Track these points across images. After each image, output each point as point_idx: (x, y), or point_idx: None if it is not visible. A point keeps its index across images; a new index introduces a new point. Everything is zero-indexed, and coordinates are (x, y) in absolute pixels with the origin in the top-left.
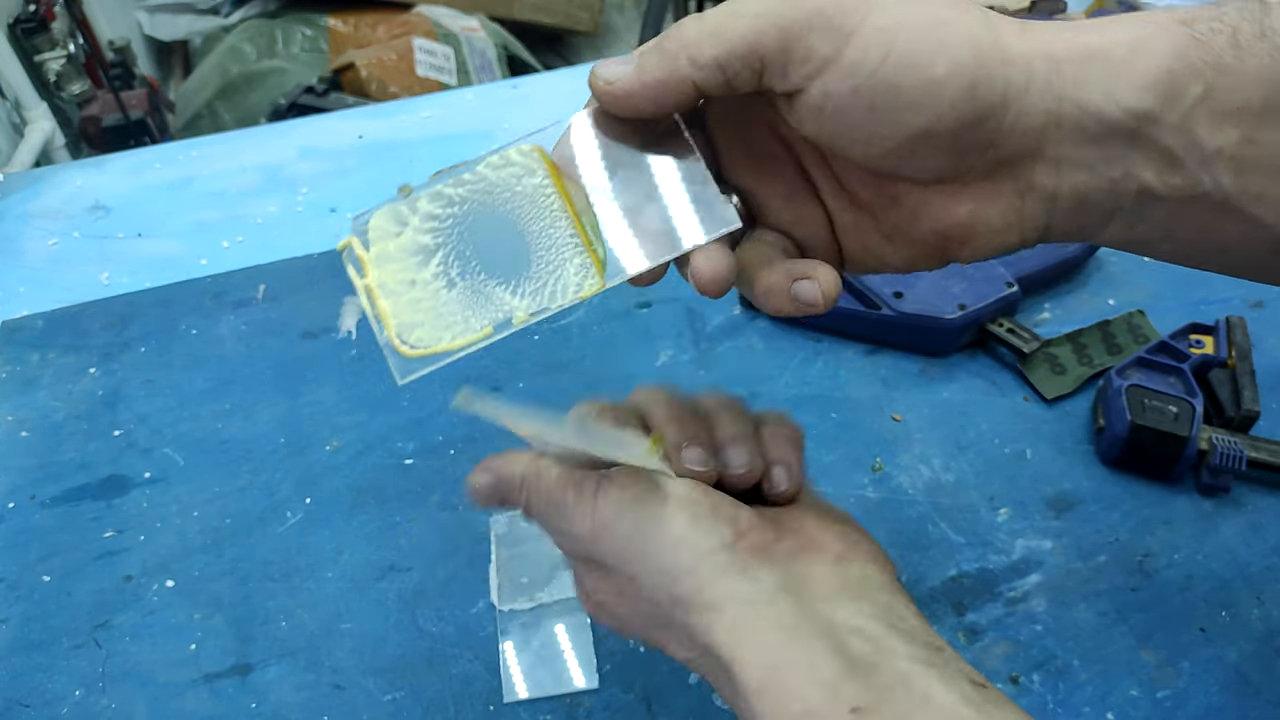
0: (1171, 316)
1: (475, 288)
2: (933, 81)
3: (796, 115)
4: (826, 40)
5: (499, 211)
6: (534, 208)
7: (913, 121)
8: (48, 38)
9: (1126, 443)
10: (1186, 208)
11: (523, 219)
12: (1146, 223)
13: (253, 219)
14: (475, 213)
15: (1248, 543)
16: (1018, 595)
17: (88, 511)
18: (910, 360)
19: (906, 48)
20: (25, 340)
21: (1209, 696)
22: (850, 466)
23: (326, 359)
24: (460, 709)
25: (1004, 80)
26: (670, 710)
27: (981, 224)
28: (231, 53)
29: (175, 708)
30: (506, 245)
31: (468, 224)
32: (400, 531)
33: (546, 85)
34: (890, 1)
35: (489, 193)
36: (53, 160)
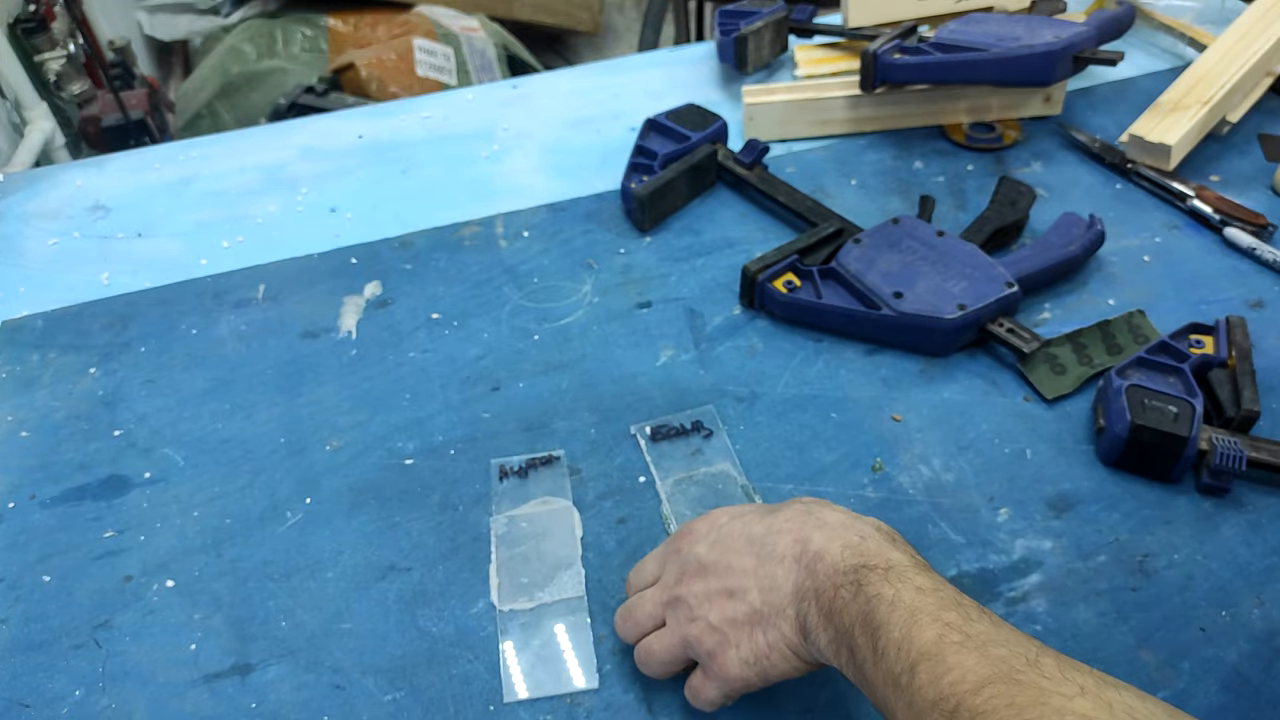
0: (1171, 316)
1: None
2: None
3: None
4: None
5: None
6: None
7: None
8: (48, 38)
9: (1126, 443)
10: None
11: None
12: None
13: (253, 219)
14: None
15: (1248, 543)
16: (1018, 595)
17: (88, 511)
18: (910, 360)
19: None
20: (25, 340)
21: (1209, 696)
22: (850, 466)
23: (326, 359)
24: (460, 709)
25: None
26: (670, 710)
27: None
28: (231, 53)
29: (175, 708)
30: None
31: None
32: (400, 531)
33: (546, 85)
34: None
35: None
36: (53, 160)
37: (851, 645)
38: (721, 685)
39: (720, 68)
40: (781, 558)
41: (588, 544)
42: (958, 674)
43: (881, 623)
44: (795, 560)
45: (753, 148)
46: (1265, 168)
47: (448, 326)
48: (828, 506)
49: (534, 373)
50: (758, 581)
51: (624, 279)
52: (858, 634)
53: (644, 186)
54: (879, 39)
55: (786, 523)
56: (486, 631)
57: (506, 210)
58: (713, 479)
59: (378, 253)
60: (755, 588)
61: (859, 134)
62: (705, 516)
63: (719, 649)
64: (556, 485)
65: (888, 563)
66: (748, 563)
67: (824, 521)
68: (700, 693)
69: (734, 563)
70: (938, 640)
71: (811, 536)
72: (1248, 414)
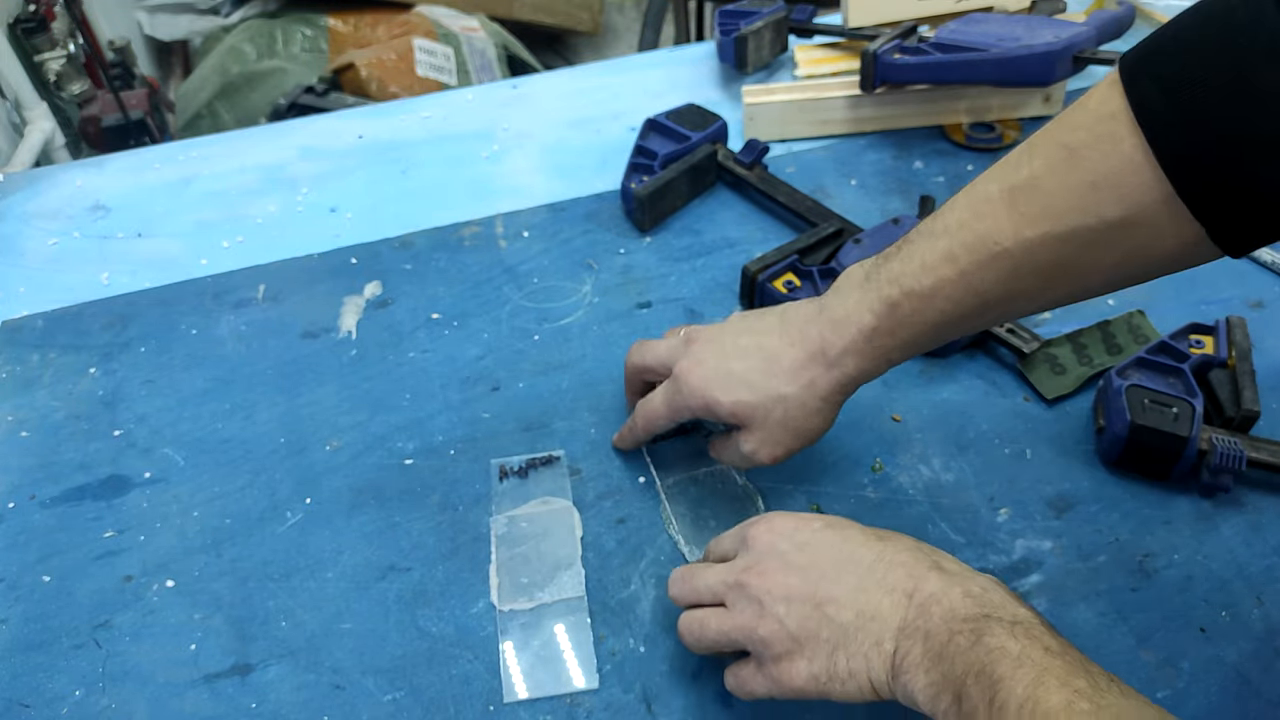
0: (1171, 316)
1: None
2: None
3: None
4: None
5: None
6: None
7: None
8: (48, 38)
9: (1126, 443)
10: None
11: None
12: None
13: (253, 219)
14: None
15: (1248, 543)
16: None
17: (88, 511)
18: (910, 360)
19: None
20: (25, 340)
21: (1209, 696)
22: (850, 466)
23: (326, 359)
24: (460, 709)
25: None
26: (670, 710)
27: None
28: (231, 53)
29: (175, 708)
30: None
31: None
32: (400, 531)
33: (546, 85)
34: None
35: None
36: (53, 160)
37: (960, 693)
38: (775, 688)
39: (720, 68)
40: (891, 589)
41: (588, 544)
42: None
43: (1003, 677)
44: (906, 596)
45: (753, 148)
46: None
47: (448, 326)
48: (945, 555)
49: (534, 373)
50: (855, 605)
51: (624, 279)
52: (970, 684)
53: (644, 186)
54: (879, 39)
55: (900, 554)
56: (486, 631)
57: (506, 210)
58: (713, 478)
59: (378, 253)
60: (852, 610)
61: (859, 134)
62: (792, 515)
63: (788, 656)
64: (556, 485)
65: (1014, 617)
66: (849, 580)
67: (942, 565)
68: (746, 684)
69: (829, 574)
70: (1067, 707)
71: (928, 576)
72: (1248, 414)
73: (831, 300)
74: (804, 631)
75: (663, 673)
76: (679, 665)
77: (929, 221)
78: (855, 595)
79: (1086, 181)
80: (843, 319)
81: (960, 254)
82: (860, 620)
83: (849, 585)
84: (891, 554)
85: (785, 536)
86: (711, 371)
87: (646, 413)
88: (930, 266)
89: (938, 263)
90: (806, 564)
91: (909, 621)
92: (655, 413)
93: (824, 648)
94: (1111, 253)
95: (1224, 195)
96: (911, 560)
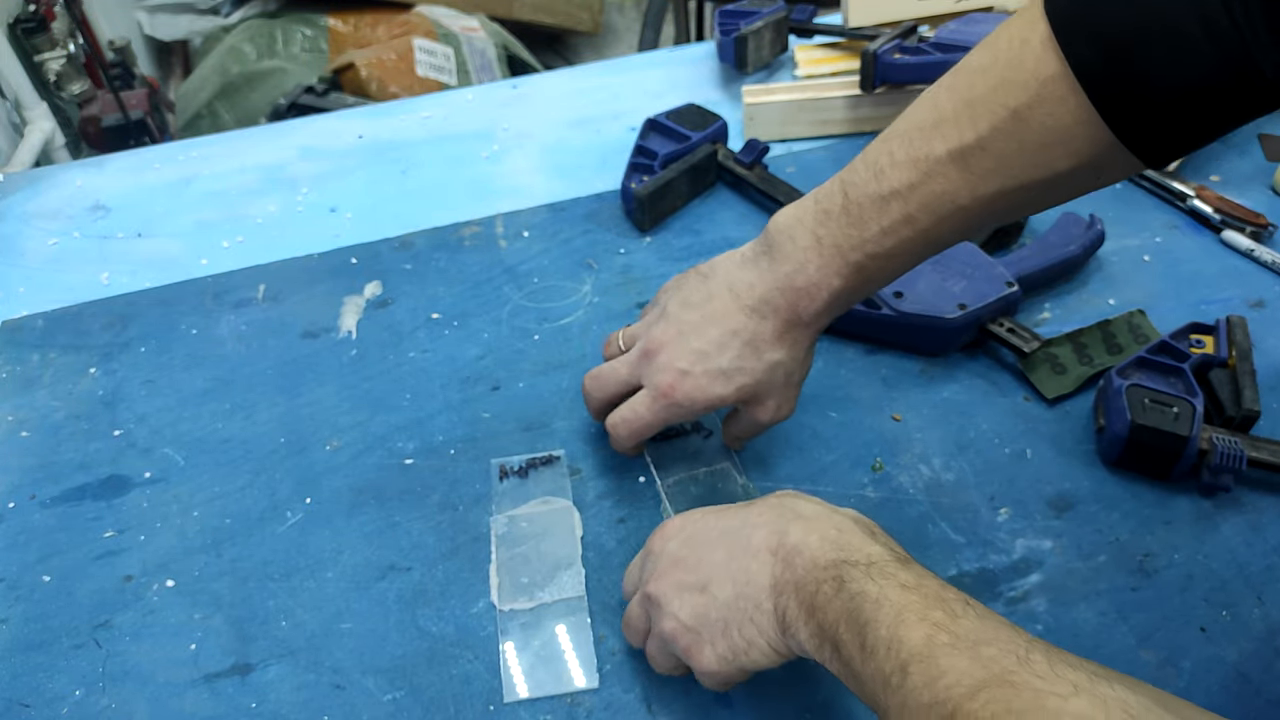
0: (1172, 316)
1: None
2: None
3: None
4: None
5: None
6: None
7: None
8: (48, 38)
9: (1126, 443)
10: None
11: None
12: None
13: (253, 219)
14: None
15: (1248, 543)
16: (1018, 595)
17: (88, 511)
18: (910, 360)
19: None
20: (25, 340)
21: (1209, 696)
22: (850, 466)
23: (326, 359)
24: (460, 709)
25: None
26: (670, 710)
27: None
28: (231, 53)
29: (175, 708)
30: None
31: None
32: (400, 531)
33: (546, 85)
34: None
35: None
36: (53, 160)
37: (836, 641)
38: (706, 679)
39: (720, 68)
40: (756, 551)
41: (588, 544)
42: (952, 678)
43: (868, 620)
44: (771, 553)
45: (753, 148)
46: (1265, 168)
47: (448, 326)
48: (802, 498)
49: (534, 373)
50: (731, 575)
51: (624, 279)
52: (843, 630)
53: (644, 186)
54: (879, 39)
55: (760, 516)
56: (486, 631)
57: (506, 210)
58: (712, 478)
59: (378, 253)
60: (729, 580)
61: (859, 134)
62: (682, 514)
63: (694, 646)
64: (556, 485)
65: (868, 558)
66: (718, 556)
67: (800, 513)
68: (703, 682)
69: (705, 557)
70: (927, 641)
71: (788, 529)
72: (1248, 414)
73: (784, 267)
74: (698, 619)
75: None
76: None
77: (872, 182)
78: (729, 568)
79: (1036, 142)
80: (809, 286)
81: (919, 215)
82: (738, 589)
83: (721, 560)
84: (755, 516)
85: (673, 536)
86: (701, 374)
87: (632, 427)
88: (890, 230)
89: (897, 225)
90: (687, 554)
91: (778, 577)
92: (642, 422)
93: (718, 627)
94: (1062, 194)
95: (1167, 142)
96: (774, 516)
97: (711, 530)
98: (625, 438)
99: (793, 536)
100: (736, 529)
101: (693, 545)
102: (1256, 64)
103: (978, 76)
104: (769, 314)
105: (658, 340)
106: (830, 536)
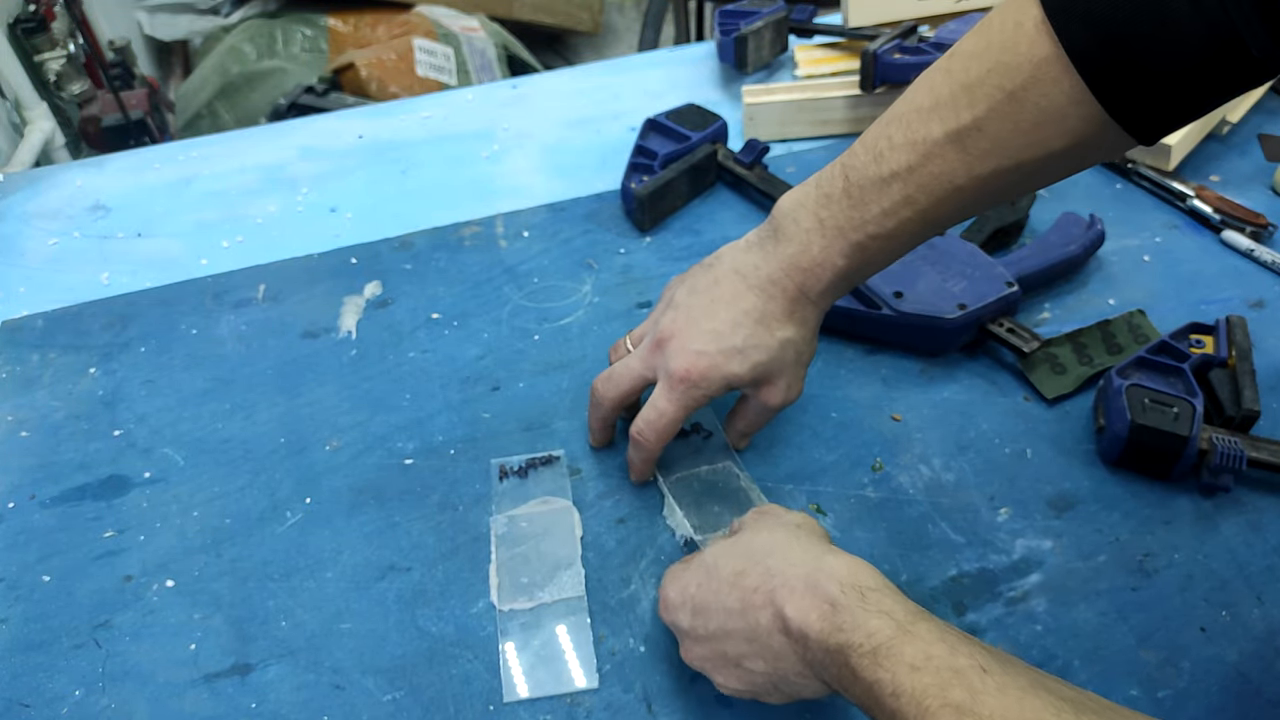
0: (1172, 316)
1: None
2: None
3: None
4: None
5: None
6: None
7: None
8: (48, 38)
9: (1126, 443)
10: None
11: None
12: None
13: (253, 219)
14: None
15: (1248, 543)
16: (1018, 595)
17: (88, 511)
18: (910, 360)
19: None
20: (25, 340)
21: (1209, 696)
22: (850, 466)
23: (326, 359)
24: (460, 709)
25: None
26: (670, 710)
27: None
28: (231, 53)
29: (175, 708)
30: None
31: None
32: (400, 531)
33: (546, 85)
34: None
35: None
36: (53, 160)
37: (872, 712)
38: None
39: (720, 68)
40: (770, 632)
41: (588, 544)
42: None
43: (893, 712)
44: (784, 635)
45: (753, 148)
46: (1265, 168)
47: (448, 326)
48: (775, 530)
49: (534, 373)
50: (760, 654)
51: (624, 279)
52: (875, 710)
53: (644, 186)
54: (879, 39)
55: (755, 594)
56: (486, 631)
57: (506, 210)
58: (715, 475)
59: (378, 253)
60: (759, 658)
61: (859, 134)
62: (673, 580)
63: (757, 699)
64: (556, 485)
65: (870, 639)
66: (742, 646)
67: (785, 580)
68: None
69: (729, 633)
70: None
71: (784, 610)
72: (1248, 414)
73: (789, 249)
74: (747, 686)
75: (663, 673)
76: (679, 665)
77: (871, 165)
78: (755, 648)
79: (1031, 122)
80: (813, 266)
81: (919, 196)
82: (774, 663)
83: (743, 643)
84: (748, 592)
85: (678, 609)
86: (717, 353)
87: (656, 427)
88: (891, 211)
89: (897, 207)
90: (708, 632)
91: (804, 657)
92: (666, 419)
93: (769, 688)
94: (1056, 173)
95: (1159, 118)
96: (763, 588)
97: (715, 609)
98: (653, 441)
99: (793, 620)
100: (741, 610)
101: (705, 620)
102: (1245, 43)
103: (973, 60)
104: (777, 293)
105: (669, 329)
106: (826, 615)
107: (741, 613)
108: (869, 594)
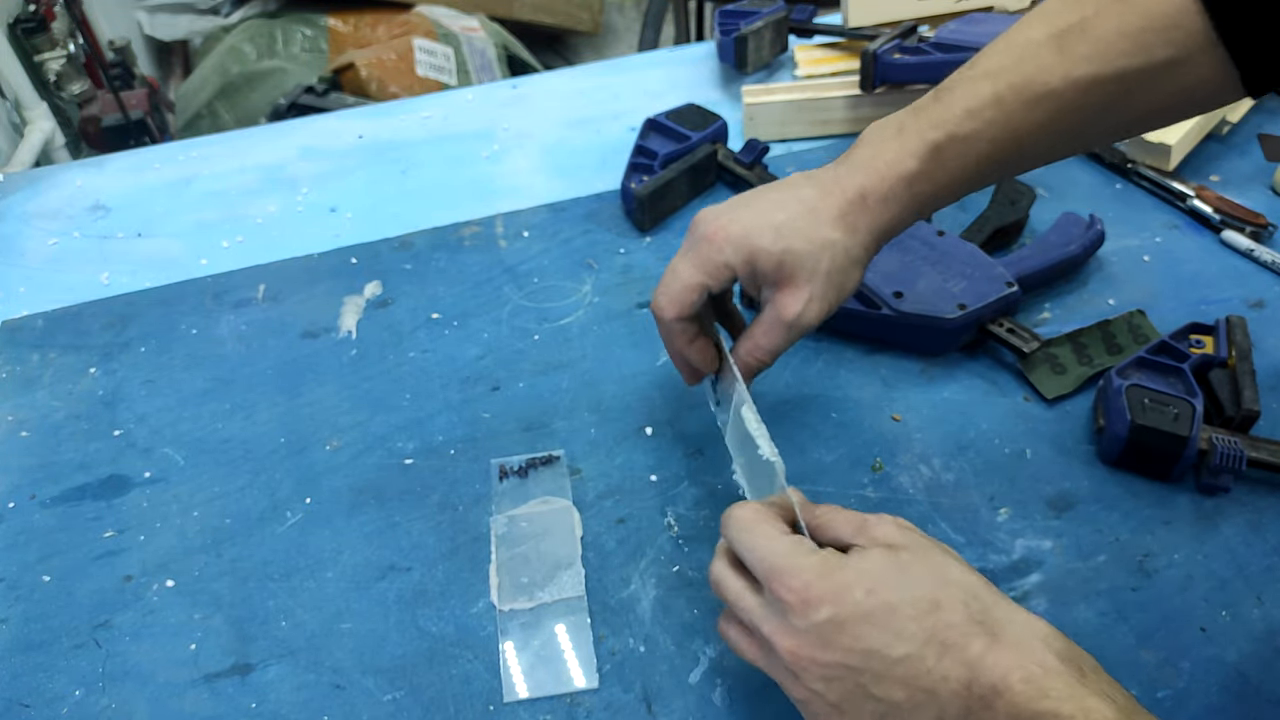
0: (1172, 316)
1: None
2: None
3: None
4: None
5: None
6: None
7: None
8: (48, 38)
9: (1126, 443)
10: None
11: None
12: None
13: (253, 219)
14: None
15: (1248, 543)
16: (1018, 595)
17: (88, 511)
18: (910, 360)
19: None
20: (25, 340)
21: (1209, 696)
22: (850, 466)
23: (326, 359)
24: (460, 709)
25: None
26: (670, 710)
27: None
28: (231, 53)
29: (175, 708)
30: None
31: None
32: (400, 531)
33: (546, 85)
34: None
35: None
36: (53, 160)
37: None
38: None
39: (720, 68)
40: (944, 677)
41: (588, 544)
42: None
43: None
44: (965, 687)
45: (753, 148)
46: (1265, 168)
47: (448, 326)
48: (973, 586)
49: (534, 373)
50: (906, 682)
51: (624, 279)
52: None
53: (644, 186)
54: (879, 39)
55: (949, 630)
56: (486, 631)
57: (506, 210)
58: (740, 425)
59: (378, 253)
60: (903, 689)
61: (859, 134)
62: (825, 568)
63: (826, 715)
64: (556, 485)
65: (1083, 710)
66: (895, 662)
67: (989, 627)
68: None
69: (885, 658)
70: None
71: (984, 659)
72: (1248, 414)
73: (863, 152)
74: (846, 703)
75: (663, 673)
76: (679, 665)
77: (965, 70)
78: (904, 672)
79: (1137, 25)
80: (883, 166)
81: (1007, 95)
82: (914, 696)
83: (895, 662)
84: (942, 628)
85: (833, 605)
86: (751, 222)
87: (669, 290)
88: (974, 111)
89: (983, 106)
90: (850, 643)
91: (971, 712)
92: (679, 280)
93: (870, 715)
94: (1154, 94)
95: (1263, 40)
96: (962, 631)
97: (884, 627)
98: (665, 308)
99: (990, 672)
100: (921, 641)
101: (864, 633)
102: None
103: None
104: (835, 190)
105: (722, 203)
106: (1034, 676)
107: (923, 643)
108: (1089, 671)
